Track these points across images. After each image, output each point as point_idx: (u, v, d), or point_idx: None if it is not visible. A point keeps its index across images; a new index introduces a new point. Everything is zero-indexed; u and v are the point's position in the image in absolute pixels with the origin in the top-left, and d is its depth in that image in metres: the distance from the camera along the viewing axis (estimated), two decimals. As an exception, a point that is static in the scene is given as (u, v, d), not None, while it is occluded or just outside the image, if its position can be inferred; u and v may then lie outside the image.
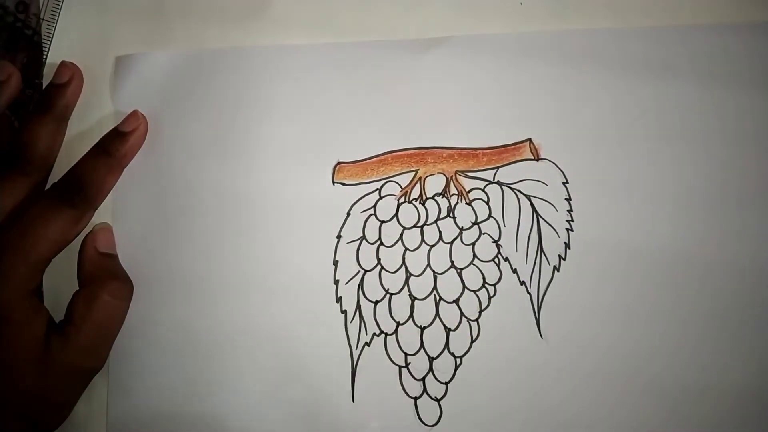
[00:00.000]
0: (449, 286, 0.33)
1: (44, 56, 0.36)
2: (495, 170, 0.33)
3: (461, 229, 0.33)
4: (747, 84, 0.33)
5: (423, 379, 0.33)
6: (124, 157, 0.34)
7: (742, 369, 0.32)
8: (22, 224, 0.31)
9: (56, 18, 0.36)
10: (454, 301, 0.33)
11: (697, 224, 0.32)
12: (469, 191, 0.33)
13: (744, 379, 0.31)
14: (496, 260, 0.33)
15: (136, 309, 0.34)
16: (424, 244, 0.33)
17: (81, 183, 0.33)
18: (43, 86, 0.35)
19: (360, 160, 0.34)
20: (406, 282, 0.33)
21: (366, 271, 0.33)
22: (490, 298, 0.33)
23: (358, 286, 0.33)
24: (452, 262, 0.33)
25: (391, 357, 0.33)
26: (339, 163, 0.34)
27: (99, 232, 0.34)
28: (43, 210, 0.32)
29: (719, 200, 0.32)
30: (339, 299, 0.33)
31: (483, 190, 0.33)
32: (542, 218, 0.33)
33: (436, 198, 0.33)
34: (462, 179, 0.33)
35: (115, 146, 0.34)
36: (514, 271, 0.33)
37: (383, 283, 0.33)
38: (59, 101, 0.34)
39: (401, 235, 0.33)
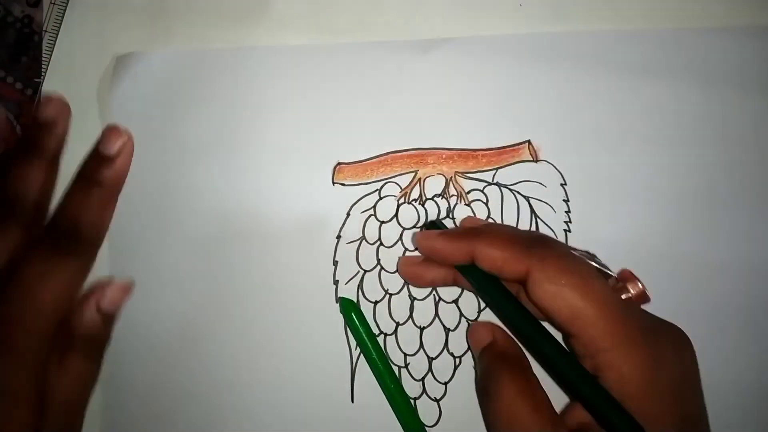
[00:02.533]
0: (449, 287, 0.33)
1: (48, 56, 0.36)
2: (494, 171, 0.33)
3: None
4: (745, 86, 0.33)
5: (422, 379, 0.33)
6: (116, 185, 0.31)
7: (742, 368, 0.32)
8: (21, 290, 0.27)
9: (61, 19, 0.36)
10: (453, 302, 0.33)
11: (695, 225, 0.33)
12: (469, 192, 0.34)
13: (744, 379, 0.32)
14: (495, 261, 0.33)
15: (135, 309, 0.34)
16: (423, 244, 0.33)
17: (77, 226, 0.29)
18: (43, 86, 0.35)
19: (360, 161, 0.34)
20: (406, 282, 0.33)
21: (366, 271, 0.33)
22: (489, 298, 0.33)
23: (358, 286, 0.33)
24: (451, 262, 0.33)
25: (391, 357, 0.33)
26: (339, 163, 0.34)
27: (108, 289, 0.30)
28: (41, 268, 0.28)
29: (717, 201, 0.33)
30: (339, 299, 0.33)
31: (482, 191, 0.33)
32: (540, 219, 0.33)
33: (435, 199, 0.34)
34: (461, 180, 0.34)
35: (103, 174, 0.30)
36: (513, 271, 0.33)
37: (383, 283, 0.33)
38: (48, 142, 0.30)
39: (401, 235, 0.33)
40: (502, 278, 0.28)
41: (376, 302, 0.33)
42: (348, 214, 0.34)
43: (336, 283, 0.33)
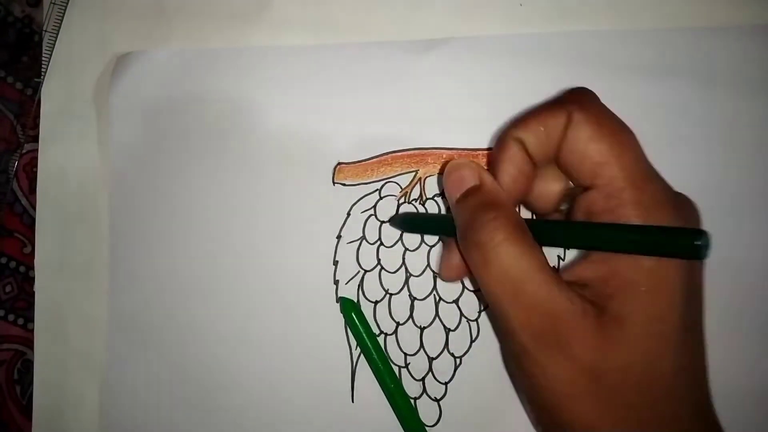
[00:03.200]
0: (449, 287, 0.33)
1: (49, 56, 0.36)
2: (494, 171, 0.33)
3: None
4: (746, 86, 0.33)
5: (423, 379, 0.33)
6: None
7: (740, 368, 0.32)
8: None
9: (61, 19, 0.36)
10: (453, 302, 0.33)
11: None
12: (469, 192, 0.33)
13: (742, 379, 0.32)
14: (495, 261, 0.33)
15: (134, 308, 0.34)
16: (423, 244, 0.33)
17: None
18: (43, 86, 0.35)
19: (360, 161, 0.34)
20: (406, 282, 0.33)
21: (366, 271, 0.33)
22: (489, 298, 0.33)
23: (358, 286, 0.33)
24: (452, 262, 0.33)
25: (391, 357, 0.33)
26: (339, 163, 0.34)
27: None
28: None
29: (717, 201, 0.33)
30: (339, 299, 0.33)
31: (482, 191, 0.33)
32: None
33: (435, 198, 0.34)
34: (462, 180, 0.33)
35: None
36: (514, 271, 0.33)
37: (383, 283, 0.33)
38: None
39: (401, 235, 0.33)
40: (541, 155, 0.25)
41: (376, 302, 0.33)
42: (348, 214, 0.34)
43: (336, 282, 0.33)
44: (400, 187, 0.34)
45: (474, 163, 0.27)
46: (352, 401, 0.33)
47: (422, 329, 0.33)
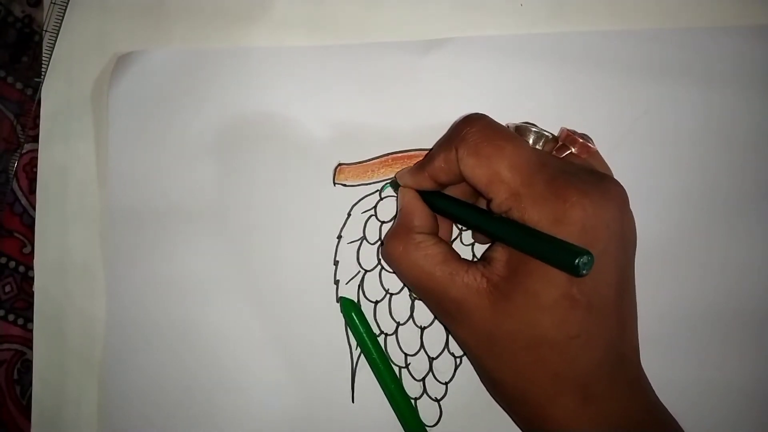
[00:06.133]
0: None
1: (49, 56, 0.36)
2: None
3: (461, 230, 0.33)
4: (744, 86, 0.33)
5: (423, 379, 0.33)
6: None
7: (737, 366, 0.32)
8: None
9: (61, 18, 0.36)
10: (453, 302, 0.33)
11: (694, 224, 0.33)
12: (469, 192, 0.33)
13: (739, 377, 0.32)
14: (495, 261, 0.33)
15: (133, 309, 0.34)
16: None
17: None
18: (43, 86, 0.35)
19: (361, 162, 0.34)
20: (406, 282, 0.33)
21: (366, 271, 0.33)
22: (489, 298, 0.33)
23: (359, 286, 0.33)
24: (452, 262, 0.33)
25: (391, 357, 0.33)
26: (340, 164, 0.34)
27: None
28: None
29: (717, 201, 0.33)
30: (339, 299, 0.33)
31: (483, 191, 0.33)
32: (541, 219, 0.33)
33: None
34: (462, 180, 0.34)
35: None
36: (514, 271, 0.33)
37: (383, 283, 0.33)
38: None
39: (401, 235, 0.33)
40: (453, 180, 0.29)
41: (376, 302, 0.33)
42: (349, 215, 0.34)
43: (336, 282, 0.33)
44: (401, 188, 0.34)
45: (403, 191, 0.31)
46: (352, 401, 0.33)
47: (422, 329, 0.33)
